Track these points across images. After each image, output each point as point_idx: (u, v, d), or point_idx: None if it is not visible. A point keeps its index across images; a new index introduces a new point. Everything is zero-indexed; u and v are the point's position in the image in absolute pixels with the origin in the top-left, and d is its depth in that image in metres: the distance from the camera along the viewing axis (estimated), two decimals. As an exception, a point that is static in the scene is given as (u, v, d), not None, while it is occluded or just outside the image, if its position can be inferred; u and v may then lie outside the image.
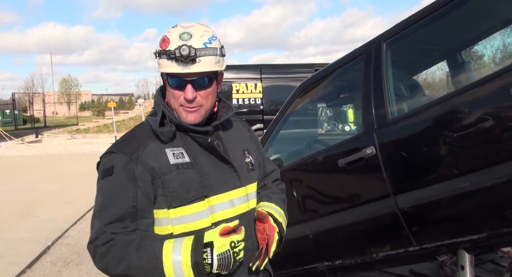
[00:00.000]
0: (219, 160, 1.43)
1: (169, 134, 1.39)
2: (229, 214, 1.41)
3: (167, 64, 1.34)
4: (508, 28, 2.94)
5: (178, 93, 1.37)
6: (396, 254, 2.28)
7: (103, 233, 1.28)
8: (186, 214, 1.35)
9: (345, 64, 2.67)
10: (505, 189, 1.82)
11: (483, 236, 1.96)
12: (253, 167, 1.55)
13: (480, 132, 1.86)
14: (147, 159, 1.35)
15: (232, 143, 1.52)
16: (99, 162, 1.42)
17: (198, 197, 1.37)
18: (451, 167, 1.97)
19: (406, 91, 2.79)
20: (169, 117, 1.40)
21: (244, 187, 1.48)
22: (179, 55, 1.30)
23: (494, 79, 1.89)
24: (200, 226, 1.36)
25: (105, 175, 1.35)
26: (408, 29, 2.31)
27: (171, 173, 1.35)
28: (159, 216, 1.36)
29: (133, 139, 1.42)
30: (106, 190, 1.34)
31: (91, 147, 17.72)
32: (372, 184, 2.30)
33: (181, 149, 1.40)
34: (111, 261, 1.27)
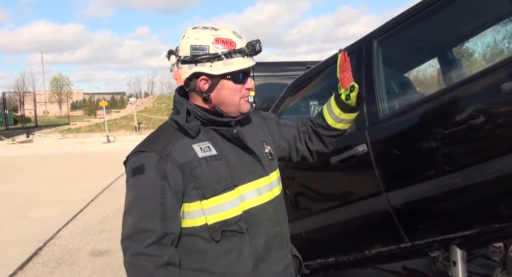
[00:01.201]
0: (244, 151, 1.51)
1: (196, 128, 1.45)
2: (257, 202, 1.49)
3: (242, 61, 1.44)
4: (498, 25, 2.96)
5: (240, 86, 1.47)
6: (389, 250, 2.29)
7: (137, 236, 1.33)
8: (218, 204, 1.42)
9: (336, 61, 2.67)
10: (496, 185, 1.84)
11: (475, 232, 1.97)
12: (272, 157, 1.62)
13: (471, 129, 1.87)
14: (176, 156, 1.40)
15: (250, 135, 1.58)
16: (126, 161, 1.48)
17: (228, 187, 1.43)
18: (442, 164, 1.99)
19: (397, 88, 2.80)
20: (193, 113, 1.47)
21: (268, 176, 1.55)
22: (258, 50, 1.45)
23: (484, 76, 1.91)
24: (232, 215, 1.43)
25: (136, 173, 1.40)
26: (398, 27, 2.32)
27: (201, 166, 1.42)
28: (192, 208, 1.42)
29: (160, 138, 1.48)
30: (136, 188, 1.40)
31: (82, 147, 17.62)
32: (364, 181, 2.31)
33: (207, 142, 1.47)
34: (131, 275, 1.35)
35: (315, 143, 1.79)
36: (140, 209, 1.37)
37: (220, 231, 1.41)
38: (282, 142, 1.76)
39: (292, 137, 1.78)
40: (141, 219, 1.35)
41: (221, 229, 1.42)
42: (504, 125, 1.80)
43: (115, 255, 4.92)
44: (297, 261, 1.66)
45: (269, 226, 1.51)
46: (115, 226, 6.06)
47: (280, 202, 1.59)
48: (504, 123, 1.80)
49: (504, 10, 2.33)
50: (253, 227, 1.46)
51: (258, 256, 1.46)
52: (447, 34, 2.91)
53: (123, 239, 1.36)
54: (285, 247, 1.57)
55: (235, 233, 1.43)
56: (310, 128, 1.80)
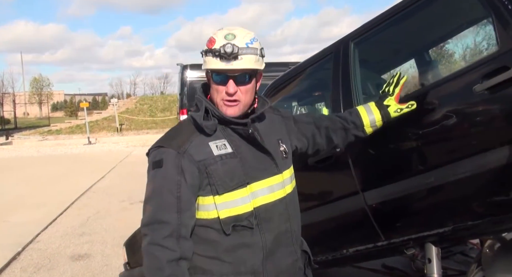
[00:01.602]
0: (258, 150, 1.57)
1: (212, 127, 1.52)
2: (269, 199, 1.56)
3: (212, 61, 1.48)
4: (472, 28, 3.03)
5: (221, 88, 1.51)
6: (366, 249, 2.33)
7: (154, 225, 1.44)
8: (230, 199, 1.50)
9: (315, 63, 2.71)
10: (468, 184, 1.89)
11: (449, 230, 2.02)
12: (287, 155, 1.68)
13: (444, 129, 1.92)
14: (192, 152, 1.48)
15: (267, 133, 1.64)
16: (148, 153, 1.56)
17: (241, 184, 1.51)
18: (416, 163, 2.03)
19: (374, 89, 2.85)
20: (212, 112, 1.53)
21: (281, 174, 1.61)
22: (223, 52, 1.44)
23: (457, 78, 1.95)
24: (243, 211, 1.50)
25: (156, 166, 1.50)
26: (374, 29, 2.36)
27: (216, 163, 1.49)
28: (206, 202, 1.51)
29: (178, 134, 1.55)
30: (156, 181, 1.49)
31: (63, 149, 17.37)
32: (342, 181, 2.34)
33: (223, 140, 1.53)
34: (145, 269, 1.45)
35: (339, 137, 1.91)
36: (158, 200, 1.47)
37: (231, 225, 1.49)
38: (303, 139, 1.84)
39: (311, 133, 1.87)
40: (159, 210, 1.45)
41: (232, 224, 1.50)
42: (475, 125, 1.85)
43: (95, 258, 4.88)
44: (306, 256, 1.74)
45: (279, 222, 1.58)
46: (96, 229, 6.01)
47: (292, 199, 1.67)
48: (475, 123, 1.85)
49: (478, 13, 2.39)
50: (264, 223, 1.53)
51: (267, 250, 1.54)
52: (422, 36, 2.97)
53: (142, 225, 1.48)
54: (294, 242, 1.64)
55: (245, 228, 1.51)
56: (340, 124, 1.92)
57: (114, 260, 4.75)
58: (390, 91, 1.96)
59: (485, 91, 1.78)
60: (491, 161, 1.80)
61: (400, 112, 1.93)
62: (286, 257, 1.60)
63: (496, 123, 1.79)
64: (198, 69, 11.92)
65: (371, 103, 1.98)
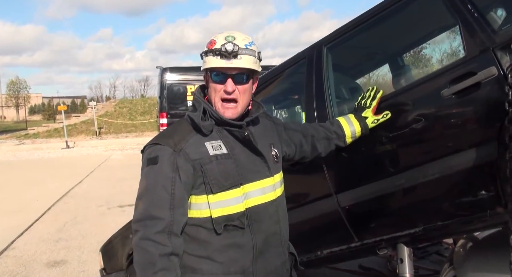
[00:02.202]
0: (252, 152, 1.62)
1: (209, 127, 1.56)
2: (261, 201, 1.60)
3: (212, 60, 1.53)
4: (442, 35, 3.12)
5: (220, 86, 1.55)
6: (340, 250, 2.37)
7: (146, 221, 1.45)
8: (223, 199, 1.53)
9: (289, 67, 2.74)
10: (437, 185, 1.94)
11: (420, 230, 2.07)
12: (278, 159, 1.73)
13: (414, 132, 1.97)
14: (188, 151, 1.52)
15: (260, 137, 1.69)
16: (143, 150, 1.59)
17: (235, 184, 1.55)
18: (388, 166, 2.07)
19: (347, 93, 2.89)
20: (209, 113, 1.57)
21: (273, 177, 1.66)
22: (224, 50, 1.49)
23: (427, 82, 2.01)
24: (235, 211, 1.54)
25: (150, 163, 1.52)
26: (347, 34, 2.40)
27: (211, 163, 1.53)
28: (199, 201, 1.54)
29: (175, 133, 1.58)
30: (150, 177, 1.52)
31: (41, 153, 17.00)
32: (316, 184, 2.37)
33: (219, 141, 1.57)
34: (137, 264, 1.45)
35: (322, 146, 2.00)
36: (152, 197, 1.49)
37: (223, 225, 1.53)
38: (291, 146, 1.91)
39: (298, 140, 1.94)
40: (152, 206, 1.47)
41: (224, 223, 1.53)
42: (444, 128, 1.90)
43: (72, 265, 4.80)
44: (293, 258, 1.78)
45: (269, 223, 1.62)
46: (73, 235, 5.91)
47: (281, 202, 1.72)
48: (444, 127, 1.90)
49: (447, 21, 2.46)
50: (255, 224, 1.57)
51: (257, 251, 1.57)
52: (393, 42, 3.04)
53: (134, 222, 1.49)
54: (283, 244, 1.70)
55: (237, 228, 1.54)
56: (323, 133, 2.00)
57: (91, 266, 4.68)
58: (367, 104, 2.06)
59: (452, 96, 1.84)
60: (459, 163, 1.85)
61: (377, 122, 2.05)
62: (275, 258, 1.64)
63: (463, 126, 1.84)
64: (178, 72, 11.91)
65: (350, 115, 2.07)
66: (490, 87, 1.73)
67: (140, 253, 1.45)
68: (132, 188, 7.98)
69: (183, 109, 11.30)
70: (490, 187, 1.81)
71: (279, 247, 1.67)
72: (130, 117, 24.87)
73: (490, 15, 2.36)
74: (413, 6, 2.19)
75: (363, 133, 2.04)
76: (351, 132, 2.03)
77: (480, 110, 1.79)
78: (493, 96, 1.72)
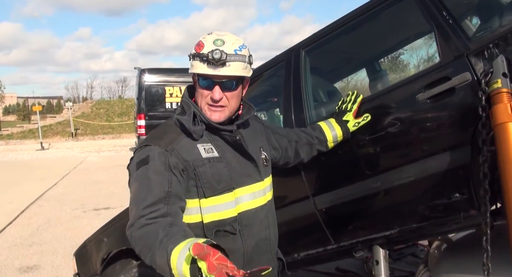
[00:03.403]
0: (243, 156, 1.59)
1: (200, 132, 1.52)
2: (251, 205, 1.58)
3: (199, 66, 1.47)
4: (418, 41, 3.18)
5: (207, 92, 1.51)
6: (316, 253, 2.38)
7: (140, 218, 1.35)
8: (216, 204, 1.49)
9: (267, 70, 2.74)
10: (412, 188, 1.97)
11: (395, 232, 2.09)
12: (267, 163, 1.72)
13: (390, 136, 1.99)
14: (181, 151, 1.47)
15: (250, 140, 1.65)
16: (132, 157, 1.53)
17: (228, 188, 1.51)
18: (364, 169, 2.09)
19: (324, 97, 2.92)
20: (199, 117, 1.53)
21: (263, 181, 1.64)
22: (211, 58, 1.44)
23: (402, 87, 2.04)
24: (227, 215, 1.51)
25: (141, 165, 1.45)
26: (325, 38, 2.42)
27: (204, 165, 1.49)
28: (190, 205, 1.48)
29: (165, 134, 1.53)
30: (142, 178, 1.43)
31: (14, 154, 16.58)
32: (293, 186, 2.37)
33: (210, 145, 1.54)
34: (143, 249, 1.32)
35: (304, 152, 1.99)
36: (146, 195, 1.39)
37: (214, 231, 1.49)
38: (278, 150, 1.90)
39: (284, 145, 1.92)
40: (146, 204, 1.37)
41: (215, 229, 1.49)
42: (419, 132, 1.93)
43: (45, 270, 4.69)
44: (280, 263, 1.76)
45: (260, 229, 1.61)
46: (46, 239, 5.78)
47: (271, 207, 1.71)
48: (419, 130, 1.93)
49: (422, 27, 2.50)
50: (246, 229, 1.55)
51: (248, 257, 1.55)
52: (371, 47, 3.08)
53: (128, 228, 1.38)
54: (272, 250, 1.69)
55: (227, 234, 1.51)
56: (305, 139, 1.96)
57: (64, 271, 4.58)
58: (348, 108, 2.07)
59: (427, 100, 1.87)
60: (434, 166, 1.89)
61: (358, 126, 2.05)
62: (265, 264, 1.57)
63: (438, 130, 1.88)
64: (157, 73, 11.82)
65: (331, 120, 2.06)
66: (464, 92, 1.77)
67: (140, 239, 1.32)
68: (108, 190, 7.95)
69: (162, 110, 11.23)
70: (463, 190, 1.85)
71: (269, 252, 1.66)
72: (107, 119, 24.51)
73: (465, 23, 2.42)
74: (390, 12, 2.22)
75: (345, 137, 2.04)
76: (332, 136, 2.02)
77: (454, 114, 1.82)
78: (467, 101, 1.76)
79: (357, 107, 2.08)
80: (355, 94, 2.11)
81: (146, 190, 1.41)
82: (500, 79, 1.63)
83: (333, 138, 2.03)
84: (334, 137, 2.03)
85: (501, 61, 1.66)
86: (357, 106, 2.08)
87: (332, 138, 2.03)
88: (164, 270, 1.27)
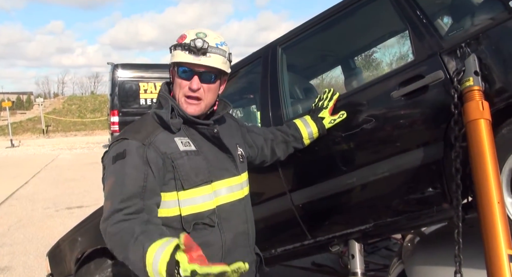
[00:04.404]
0: (221, 150, 1.61)
1: (178, 125, 1.53)
2: (229, 199, 1.59)
3: (180, 54, 1.50)
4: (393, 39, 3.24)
5: (185, 83, 1.52)
6: (293, 248, 2.40)
7: (115, 212, 1.36)
8: (194, 196, 1.50)
9: (244, 66, 2.74)
10: (386, 183, 2.01)
11: (370, 226, 2.13)
12: (243, 159, 1.73)
13: (365, 132, 2.03)
14: (158, 145, 1.48)
15: (226, 136, 1.66)
16: (107, 151, 1.52)
17: (206, 181, 1.52)
18: (339, 165, 2.12)
19: (301, 94, 2.94)
20: (177, 111, 1.54)
21: (240, 175, 1.66)
22: (193, 46, 1.46)
23: (377, 84, 2.08)
24: (205, 208, 1.52)
25: (118, 159, 1.45)
26: (301, 35, 2.44)
27: (182, 158, 1.49)
28: (167, 198, 1.49)
29: (142, 128, 1.53)
30: (118, 172, 1.43)
31: (-18, 152, 16.10)
32: (270, 182, 2.38)
33: (187, 138, 1.55)
34: (116, 246, 1.34)
35: (281, 150, 2.02)
36: (121, 190, 1.40)
37: (192, 224, 1.49)
38: (254, 148, 1.92)
39: (260, 144, 1.95)
40: (121, 200, 1.38)
41: (194, 222, 1.49)
42: (393, 129, 1.97)
43: (17, 271, 4.58)
44: (258, 258, 1.77)
45: (238, 222, 1.62)
46: (18, 239, 5.64)
47: (248, 202, 1.73)
48: (393, 127, 1.97)
49: (397, 25, 2.55)
50: (224, 222, 1.56)
51: (226, 250, 1.56)
52: (346, 44, 3.12)
53: (103, 221, 1.38)
54: (251, 244, 1.71)
55: (206, 227, 1.52)
56: (281, 137, 1.99)
57: (37, 272, 4.49)
58: (324, 105, 2.09)
59: (401, 97, 1.91)
60: (408, 162, 1.93)
61: (334, 123, 2.07)
62: (243, 257, 1.60)
63: (412, 127, 1.92)
64: (131, 68, 11.64)
65: (307, 117, 2.09)
66: (437, 90, 1.82)
67: (115, 235, 1.33)
68: (81, 189, 7.81)
69: (136, 107, 11.09)
70: (436, 185, 1.90)
71: (247, 246, 1.68)
72: (80, 115, 24.02)
73: (438, 22, 2.47)
74: (365, 11, 2.26)
75: (321, 134, 2.07)
76: (308, 133, 2.05)
77: (427, 111, 1.87)
78: (440, 98, 1.81)
79: (333, 104, 2.11)
80: (331, 92, 2.14)
81: (122, 184, 1.41)
82: (472, 77, 1.68)
83: (308, 135, 2.05)
84: (309, 134, 2.05)
85: (473, 60, 1.71)
86: (333, 103, 2.11)
87: (308, 135, 2.05)
88: (137, 266, 1.29)
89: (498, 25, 1.73)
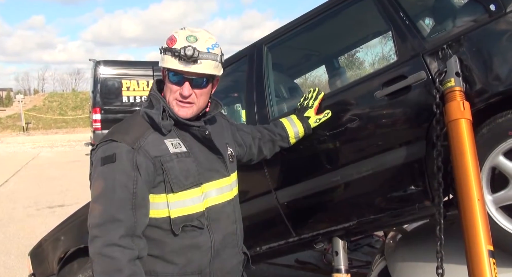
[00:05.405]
0: (211, 151, 1.60)
1: (169, 127, 1.51)
2: (219, 200, 1.60)
3: (170, 61, 1.47)
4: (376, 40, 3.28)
5: (176, 88, 1.50)
6: (278, 246, 2.43)
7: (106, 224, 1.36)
8: (183, 199, 1.50)
9: (230, 65, 2.74)
10: (370, 181, 2.05)
11: (354, 223, 2.17)
12: (233, 159, 1.74)
13: (349, 131, 2.06)
14: (148, 148, 1.46)
15: (217, 136, 1.65)
16: (94, 148, 1.50)
17: (195, 183, 1.52)
18: (324, 163, 2.15)
19: (286, 93, 2.96)
20: (168, 112, 1.52)
21: (229, 176, 1.66)
22: (183, 54, 1.43)
23: (361, 84, 2.11)
24: (195, 210, 1.52)
25: (107, 162, 1.43)
26: (287, 35, 2.46)
27: (172, 161, 1.48)
28: (157, 200, 1.49)
29: (132, 129, 1.51)
30: (108, 176, 1.42)
31: (-41, 150, 15.71)
32: (256, 180, 2.40)
33: (177, 140, 1.53)
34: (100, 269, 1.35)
35: (267, 149, 2.03)
36: (111, 197, 1.39)
37: (181, 226, 1.49)
38: (243, 147, 1.92)
39: (248, 143, 1.96)
40: (112, 207, 1.38)
41: (182, 224, 1.49)
42: (376, 128, 2.01)
43: (-5, 271, 4.50)
44: (245, 257, 1.76)
45: (227, 223, 1.62)
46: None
47: (237, 202, 1.74)
48: (376, 126, 2.01)
49: (380, 26, 2.58)
50: (213, 224, 1.56)
51: (215, 251, 1.56)
52: (331, 44, 3.15)
53: (92, 227, 1.38)
54: (239, 245, 1.71)
55: (195, 229, 1.52)
56: (268, 136, 1.99)
57: (18, 272, 4.43)
58: (309, 104, 2.11)
59: (385, 97, 1.95)
60: (391, 160, 1.97)
61: (319, 122, 2.10)
62: (232, 258, 1.64)
63: (395, 126, 1.96)
64: (113, 65, 11.49)
65: (293, 116, 2.11)
66: (419, 90, 1.86)
67: (104, 261, 1.35)
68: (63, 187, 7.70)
69: (118, 104, 10.96)
70: (418, 183, 1.94)
71: (235, 247, 1.68)
72: (61, 112, 23.62)
73: (420, 24, 2.52)
74: (349, 11, 2.29)
75: (306, 133, 2.09)
76: (294, 133, 2.07)
77: (410, 111, 1.90)
78: (422, 98, 1.85)
79: (318, 103, 2.13)
80: (316, 91, 2.16)
81: (112, 190, 1.40)
82: (454, 78, 1.72)
83: (294, 134, 2.07)
84: (295, 133, 2.07)
85: (454, 61, 1.75)
86: (318, 103, 2.13)
87: (294, 134, 2.07)
88: None
89: (479, 27, 1.78)
